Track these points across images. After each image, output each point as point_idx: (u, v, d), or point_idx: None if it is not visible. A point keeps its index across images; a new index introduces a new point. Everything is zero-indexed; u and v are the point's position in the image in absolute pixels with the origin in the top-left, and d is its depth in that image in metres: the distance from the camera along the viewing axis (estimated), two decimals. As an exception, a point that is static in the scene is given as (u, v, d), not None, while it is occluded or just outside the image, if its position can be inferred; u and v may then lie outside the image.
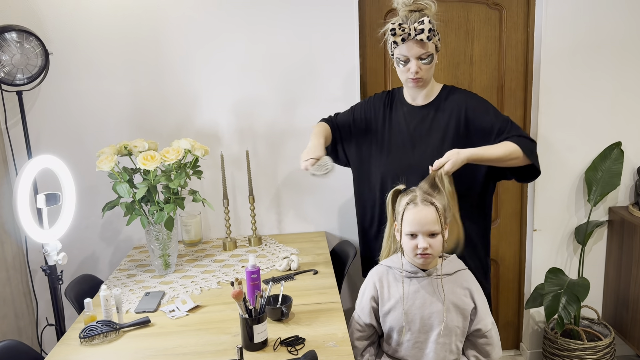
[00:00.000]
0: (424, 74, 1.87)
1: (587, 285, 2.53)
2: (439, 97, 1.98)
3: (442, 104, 1.97)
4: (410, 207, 1.61)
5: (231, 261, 2.36)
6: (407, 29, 1.80)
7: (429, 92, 1.98)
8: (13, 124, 2.49)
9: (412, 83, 1.90)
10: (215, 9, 2.46)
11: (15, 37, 2.21)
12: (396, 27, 1.81)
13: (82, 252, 2.64)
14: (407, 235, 1.63)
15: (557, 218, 2.75)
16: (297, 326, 1.75)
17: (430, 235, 1.61)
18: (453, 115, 1.94)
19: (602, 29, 2.56)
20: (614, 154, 2.64)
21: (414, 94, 1.99)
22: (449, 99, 1.97)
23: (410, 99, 2.01)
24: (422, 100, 1.99)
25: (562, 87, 2.61)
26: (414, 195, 1.64)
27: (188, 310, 1.90)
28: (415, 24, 1.80)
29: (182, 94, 2.54)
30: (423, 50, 1.82)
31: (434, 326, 1.67)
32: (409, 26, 1.80)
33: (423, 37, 1.79)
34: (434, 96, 1.99)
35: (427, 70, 1.88)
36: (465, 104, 1.94)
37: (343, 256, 2.45)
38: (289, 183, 2.66)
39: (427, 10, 1.84)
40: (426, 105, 1.98)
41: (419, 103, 1.99)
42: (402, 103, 2.03)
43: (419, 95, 1.98)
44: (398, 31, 1.81)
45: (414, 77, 1.87)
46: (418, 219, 1.60)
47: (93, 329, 1.72)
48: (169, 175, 2.13)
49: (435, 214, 1.60)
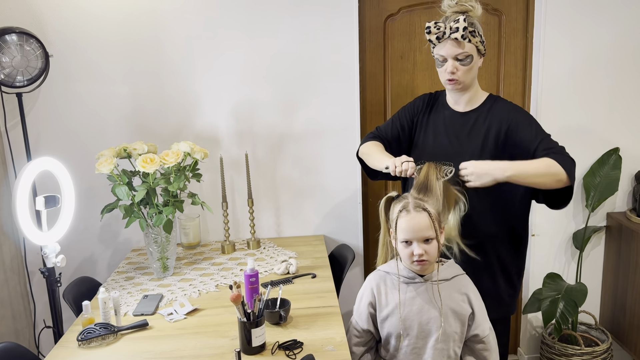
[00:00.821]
0: (461, 75, 1.79)
1: (584, 290, 2.54)
2: (483, 105, 1.89)
3: (485, 113, 1.87)
4: (403, 215, 1.61)
5: (230, 264, 2.36)
6: (442, 28, 1.74)
7: (472, 98, 1.89)
8: (12, 126, 2.49)
9: (449, 85, 1.83)
10: (216, 12, 2.47)
11: (16, 39, 2.22)
12: (432, 25, 1.75)
13: (81, 254, 2.64)
14: (402, 242, 1.63)
15: (555, 223, 2.75)
16: (295, 330, 1.75)
17: (425, 242, 1.61)
18: (494, 126, 1.84)
19: (600, 35, 2.57)
20: (612, 159, 2.65)
21: (455, 97, 1.91)
22: (493, 108, 1.87)
23: (452, 103, 1.93)
24: (465, 106, 1.90)
25: (561, 93, 2.62)
26: (406, 202, 1.63)
27: (186, 313, 1.90)
28: (452, 22, 1.73)
29: (182, 96, 2.54)
30: (459, 49, 1.75)
31: (432, 332, 1.66)
32: (445, 25, 1.74)
33: (457, 35, 1.72)
34: (477, 103, 1.90)
35: (465, 72, 1.79)
36: (508, 116, 1.84)
37: (341, 260, 2.45)
38: (288, 186, 2.67)
39: (471, 12, 1.77)
40: (468, 112, 1.90)
41: (461, 109, 1.91)
42: (444, 106, 1.95)
43: (462, 100, 1.90)
44: (433, 29, 1.75)
45: (451, 78, 1.80)
46: (411, 226, 1.59)
47: (91, 332, 1.72)
48: (168, 178, 2.13)
49: (428, 219, 1.60)
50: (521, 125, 1.81)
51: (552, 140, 1.80)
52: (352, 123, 2.60)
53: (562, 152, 1.76)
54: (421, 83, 2.65)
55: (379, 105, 2.68)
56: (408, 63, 2.64)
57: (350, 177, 2.65)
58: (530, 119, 1.84)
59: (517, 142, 1.81)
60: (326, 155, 2.63)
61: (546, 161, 1.71)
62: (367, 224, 2.77)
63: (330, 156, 2.63)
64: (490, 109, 1.87)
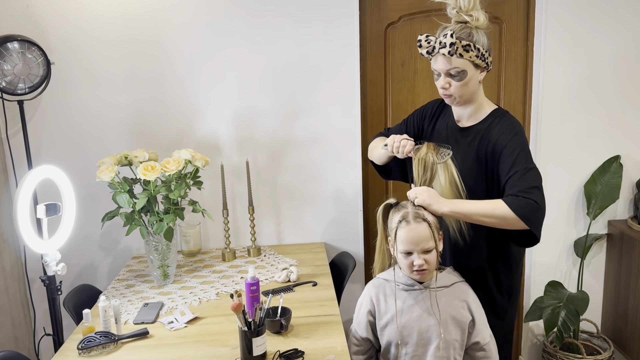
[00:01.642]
0: (454, 91, 1.71)
1: (586, 298, 2.53)
2: (484, 121, 1.78)
3: (483, 132, 1.76)
4: (403, 225, 1.60)
5: (230, 272, 2.35)
6: (432, 42, 1.67)
7: (474, 112, 1.79)
8: (14, 133, 2.49)
9: (445, 98, 1.77)
10: (217, 20, 2.47)
11: (18, 47, 2.22)
12: (422, 38, 1.68)
13: (81, 262, 2.64)
14: (402, 253, 1.62)
15: (557, 231, 2.75)
16: (296, 339, 1.75)
17: (424, 252, 1.61)
18: (484, 148, 1.74)
19: (601, 43, 2.58)
20: (613, 167, 2.65)
21: (458, 111, 1.83)
22: (490, 129, 1.75)
23: (456, 116, 1.85)
24: (466, 120, 1.81)
25: (561, 100, 2.62)
26: (405, 212, 1.62)
27: (187, 321, 1.90)
28: (441, 37, 1.66)
29: (183, 104, 2.54)
30: (450, 65, 1.66)
31: (431, 339, 1.66)
32: (435, 39, 1.68)
33: (445, 51, 1.64)
34: (479, 119, 1.79)
35: (458, 88, 1.70)
36: (497, 140, 1.71)
37: (342, 267, 2.45)
38: (289, 194, 2.66)
39: (473, 22, 1.67)
40: (468, 128, 1.80)
41: (462, 123, 1.83)
42: (449, 117, 1.87)
43: (464, 114, 1.81)
44: (424, 43, 1.68)
45: (444, 94, 1.74)
46: (411, 238, 1.59)
47: (91, 340, 1.72)
48: (169, 186, 2.13)
49: (428, 230, 1.59)
50: (504, 153, 1.68)
51: (525, 177, 1.63)
52: (352, 130, 2.60)
53: (524, 193, 1.60)
54: (422, 91, 2.66)
55: (380, 113, 2.69)
56: (409, 71, 2.65)
57: (351, 184, 2.65)
58: (515, 148, 1.67)
59: (495, 170, 1.72)
60: (327, 163, 2.63)
61: (495, 203, 1.61)
62: (368, 232, 2.76)
63: (331, 163, 2.63)
64: (488, 128, 1.75)
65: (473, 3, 1.67)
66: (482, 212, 1.62)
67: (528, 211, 1.58)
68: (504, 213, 1.59)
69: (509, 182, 1.65)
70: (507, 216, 1.59)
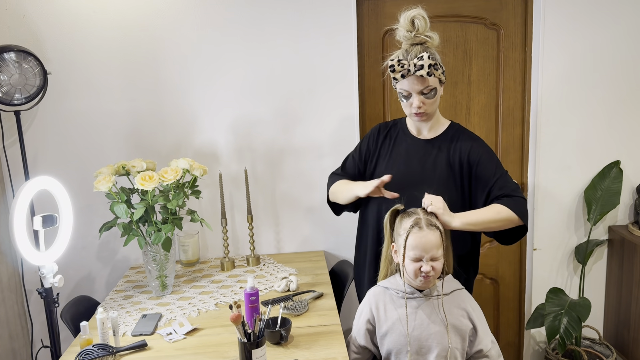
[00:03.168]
0: (427, 108, 1.82)
1: (588, 305, 2.51)
2: (445, 133, 1.92)
3: (448, 142, 1.90)
4: (415, 231, 1.59)
5: (229, 282, 2.33)
6: (406, 65, 1.74)
7: (434, 125, 1.93)
8: (10, 144, 2.47)
9: (416, 117, 1.85)
10: (214, 29, 2.47)
11: (14, 57, 2.21)
12: (395, 63, 1.75)
13: (79, 273, 2.61)
14: (411, 259, 1.61)
15: (557, 237, 2.74)
16: (296, 350, 1.73)
17: (433, 259, 1.60)
18: (457, 155, 1.88)
19: (599, 48, 2.57)
20: (613, 172, 2.64)
21: (419, 126, 1.94)
22: (457, 138, 1.91)
23: (415, 131, 1.95)
24: (428, 133, 1.93)
25: (560, 106, 2.61)
26: (417, 218, 1.62)
27: (185, 333, 1.88)
28: (415, 59, 1.73)
29: (181, 113, 2.53)
30: (424, 85, 1.76)
31: (432, 348, 1.65)
32: (408, 62, 1.74)
33: (423, 72, 1.73)
34: (440, 131, 1.93)
35: (430, 105, 1.82)
36: (471, 148, 1.87)
37: (342, 276, 2.43)
38: (288, 202, 2.65)
39: (429, 42, 1.78)
40: (431, 139, 1.93)
41: (424, 136, 1.94)
42: (405, 134, 1.97)
43: (425, 127, 1.93)
44: (397, 68, 1.75)
45: (417, 112, 1.82)
46: (423, 244, 1.58)
47: (89, 353, 1.70)
48: (167, 195, 2.12)
49: (439, 237, 1.60)
50: (482, 159, 1.86)
51: (508, 179, 1.85)
52: (351, 138, 2.59)
53: (514, 192, 1.80)
54: (420, 97, 2.65)
55: (379, 119, 2.68)
56: (407, 78, 2.64)
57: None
58: (491, 154, 1.89)
59: (477, 176, 1.86)
60: (326, 171, 2.61)
61: (495, 208, 1.77)
62: (367, 240, 2.75)
63: (330, 171, 2.61)
64: (453, 137, 1.91)
65: (427, 24, 1.77)
66: (489, 218, 1.76)
67: (523, 208, 1.78)
68: (508, 215, 1.76)
69: (497, 184, 1.82)
70: (510, 217, 1.76)
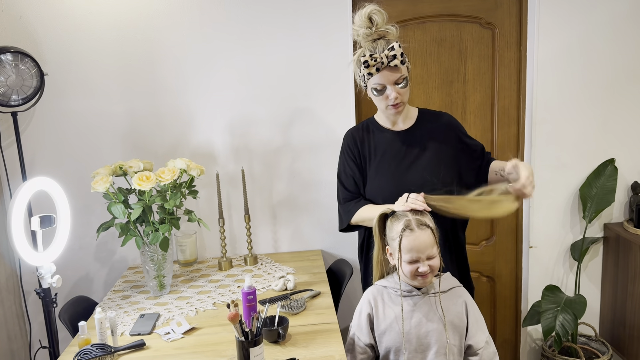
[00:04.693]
0: (403, 97, 1.86)
1: (584, 302, 2.53)
2: (420, 119, 1.98)
3: (428, 125, 1.96)
4: (407, 234, 1.60)
5: (227, 281, 2.34)
6: (379, 58, 1.77)
7: (407, 114, 1.97)
8: (7, 145, 2.48)
9: (392, 109, 1.87)
10: (211, 29, 2.48)
11: (11, 59, 2.22)
12: (368, 58, 1.77)
13: (76, 273, 2.62)
14: (407, 261, 1.62)
15: (553, 235, 2.75)
16: (294, 348, 1.74)
17: (429, 258, 1.61)
18: (442, 133, 1.95)
19: (593, 48, 2.59)
20: (608, 170, 2.65)
21: (393, 119, 1.96)
22: (434, 120, 1.98)
23: (390, 125, 1.98)
24: (404, 124, 1.97)
25: (555, 105, 2.63)
26: (408, 220, 1.62)
27: (183, 332, 1.88)
28: (386, 51, 1.77)
29: (178, 113, 2.54)
30: (398, 74, 1.80)
31: (430, 345, 1.66)
32: (379, 55, 1.77)
33: (397, 62, 1.77)
34: (414, 119, 1.98)
35: (404, 94, 1.86)
36: (453, 124, 1.98)
37: (340, 275, 2.44)
38: (285, 202, 2.66)
39: (389, 35, 1.81)
40: (410, 128, 1.96)
41: (401, 127, 1.97)
42: (380, 130, 1.99)
43: (399, 120, 1.96)
44: (371, 62, 1.77)
45: (394, 103, 1.84)
46: (417, 246, 1.59)
47: (87, 353, 1.70)
48: (164, 196, 2.12)
49: (432, 236, 1.60)
50: (464, 131, 2.00)
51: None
52: (348, 137, 2.60)
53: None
54: (415, 97, 2.66)
55: (375, 119, 2.69)
56: (403, 77, 2.65)
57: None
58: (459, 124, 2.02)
59: (469, 147, 1.97)
60: (322, 170, 2.63)
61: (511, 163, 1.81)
62: (364, 238, 2.76)
63: (327, 171, 2.63)
64: (430, 119, 1.98)
65: (384, 17, 1.80)
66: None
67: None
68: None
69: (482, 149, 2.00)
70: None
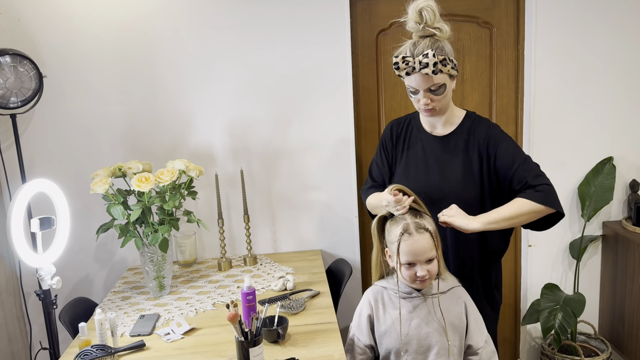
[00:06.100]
0: (436, 104, 1.74)
1: (582, 300, 2.53)
2: (461, 126, 1.84)
3: (465, 135, 1.82)
4: (406, 238, 1.59)
5: (226, 282, 2.35)
6: (410, 63, 1.67)
7: (449, 119, 1.84)
8: (7, 147, 2.48)
9: (426, 113, 1.78)
10: (209, 31, 2.48)
11: (9, 61, 2.22)
12: (399, 61, 1.69)
13: (76, 275, 2.62)
14: (405, 264, 1.62)
15: (552, 233, 2.75)
16: (293, 348, 1.74)
17: (427, 262, 1.61)
18: (475, 148, 1.80)
19: (591, 45, 2.59)
20: (606, 168, 2.66)
21: (432, 121, 1.86)
22: (473, 130, 1.82)
23: (429, 127, 1.88)
24: (442, 129, 1.85)
25: (553, 103, 2.63)
26: (406, 224, 1.61)
27: (183, 333, 1.89)
28: (420, 56, 1.65)
29: (176, 114, 2.55)
30: (431, 82, 1.68)
31: (432, 346, 1.66)
32: (413, 59, 1.67)
33: (428, 71, 1.65)
34: (455, 124, 1.85)
35: (439, 101, 1.73)
36: (488, 139, 1.80)
37: (339, 275, 2.45)
38: (284, 202, 2.66)
39: (438, 35, 1.69)
40: (447, 135, 1.85)
41: (439, 132, 1.86)
42: (419, 131, 1.90)
43: (438, 124, 1.85)
44: (402, 65, 1.68)
45: (426, 109, 1.75)
46: (415, 250, 1.58)
47: (88, 354, 1.71)
48: (163, 197, 2.13)
49: (431, 239, 1.60)
50: (500, 149, 1.78)
51: (528, 166, 1.75)
52: (346, 137, 2.61)
53: (536, 180, 1.72)
54: (414, 96, 2.67)
55: (374, 119, 2.69)
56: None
57: (346, 191, 2.66)
58: (508, 141, 1.80)
59: (497, 169, 1.79)
60: (321, 170, 2.64)
61: (517, 203, 1.71)
62: (364, 238, 2.76)
63: (326, 171, 2.63)
64: (469, 131, 1.83)
65: (436, 15, 1.69)
66: (512, 214, 1.70)
67: (548, 196, 1.70)
68: (531, 207, 1.69)
69: (516, 175, 1.75)
70: (535, 209, 1.69)
